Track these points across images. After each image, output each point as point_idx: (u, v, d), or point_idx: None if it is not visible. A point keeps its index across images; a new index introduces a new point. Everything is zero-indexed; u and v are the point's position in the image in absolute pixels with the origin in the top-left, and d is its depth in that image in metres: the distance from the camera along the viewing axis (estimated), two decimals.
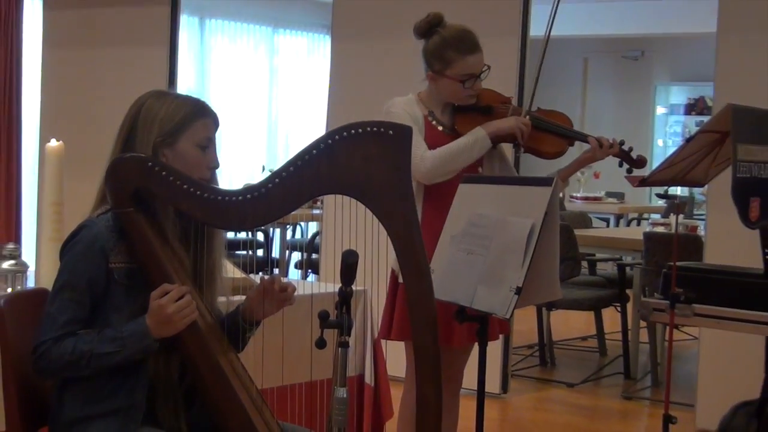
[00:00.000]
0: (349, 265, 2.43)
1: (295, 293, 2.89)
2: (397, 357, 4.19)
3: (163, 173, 2.66)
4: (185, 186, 2.66)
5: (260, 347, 2.97)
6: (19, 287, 3.97)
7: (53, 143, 4.15)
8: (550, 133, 3.97)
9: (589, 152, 3.91)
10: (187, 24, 10.68)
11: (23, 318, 2.79)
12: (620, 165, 3.96)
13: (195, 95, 2.95)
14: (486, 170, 3.96)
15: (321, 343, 2.38)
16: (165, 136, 2.77)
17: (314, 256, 9.01)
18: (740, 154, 3.34)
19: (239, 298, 2.96)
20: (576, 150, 4.00)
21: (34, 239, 4.43)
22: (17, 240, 10.17)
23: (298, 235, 10.14)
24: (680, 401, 6.03)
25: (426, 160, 3.72)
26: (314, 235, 9.33)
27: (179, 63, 7.83)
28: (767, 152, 3.45)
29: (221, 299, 2.96)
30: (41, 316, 2.70)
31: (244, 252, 9.25)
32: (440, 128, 3.95)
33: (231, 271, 3.18)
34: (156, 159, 2.72)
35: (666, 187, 4.04)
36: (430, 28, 3.92)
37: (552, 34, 3.99)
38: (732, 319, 3.98)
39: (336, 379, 2.34)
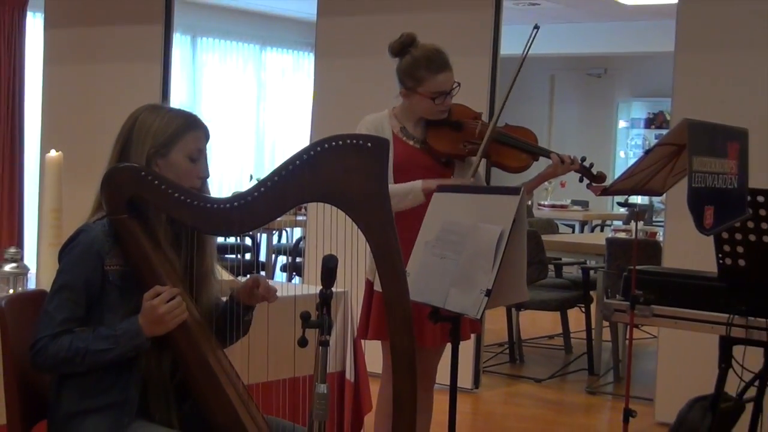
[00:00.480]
0: (329, 269, 2.43)
1: (279, 293, 2.90)
2: (376, 354, 4.18)
3: (156, 182, 2.67)
4: (176, 194, 2.66)
5: (246, 345, 2.96)
6: (20, 288, 3.96)
7: (53, 153, 4.14)
8: (516, 148, 3.96)
9: (551, 168, 3.92)
10: (179, 42, 10.68)
11: (23, 318, 2.78)
12: (581, 180, 3.97)
13: (187, 109, 2.95)
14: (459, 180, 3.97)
15: (303, 342, 2.39)
16: (158, 148, 2.77)
17: (298, 259, 9.02)
18: (695, 166, 3.35)
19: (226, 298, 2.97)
20: (542, 163, 4.01)
21: (35, 243, 4.41)
22: (19, 244, 10.14)
23: (283, 240, 10.12)
24: (640, 396, 6.05)
25: None
26: (298, 241, 9.35)
27: (172, 78, 7.81)
28: (720, 164, 3.46)
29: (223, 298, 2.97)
30: (40, 314, 2.70)
31: (233, 256, 9.26)
32: (411, 143, 3.94)
33: (219, 273, 3.18)
34: (149, 169, 2.72)
35: (627, 196, 4.05)
36: (402, 48, 3.92)
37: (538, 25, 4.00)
38: (688, 319, 4.00)
39: (317, 376, 2.34)
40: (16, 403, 2.73)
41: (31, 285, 4.11)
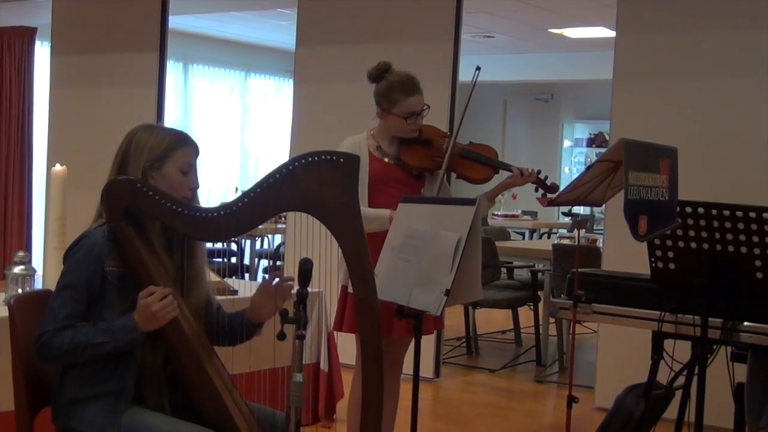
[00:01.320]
0: (304, 270, 2.43)
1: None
2: (349, 347, 4.18)
3: (151, 193, 2.67)
4: (169, 204, 2.66)
5: None
6: (27, 288, 3.93)
7: (58, 168, 4.12)
8: (479, 163, 3.99)
9: (512, 179, 3.94)
10: (172, 68, 10.65)
11: (30, 314, 2.77)
12: (536, 190, 4.00)
13: (179, 128, 2.95)
14: (427, 192, 3.98)
15: (281, 336, 2.38)
16: (153, 162, 2.77)
17: (279, 263, 8.98)
18: (631, 180, 3.37)
19: (221, 298, 2.97)
20: (500, 176, 4.03)
21: (41, 248, 4.39)
22: (28, 248, 10.09)
23: (265, 246, 10.09)
24: (582, 384, 6.06)
25: None
26: (279, 246, 9.31)
27: (166, 101, 7.80)
28: (653, 178, 3.48)
29: (220, 299, 2.96)
30: (45, 311, 2.69)
31: (220, 259, 9.23)
32: (386, 159, 3.95)
33: (208, 275, 3.17)
34: (145, 181, 2.72)
35: (570, 207, 4.06)
36: (379, 74, 3.94)
37: (477, 79, 4.01)
38: (624, 316, 4.02)
39: (294, 366, 2.34)
40: (23, 391, 2.71)
41: (38, 285, 4.09)
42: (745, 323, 3.71)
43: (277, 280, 2.85)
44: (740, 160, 5.33)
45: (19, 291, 3.87)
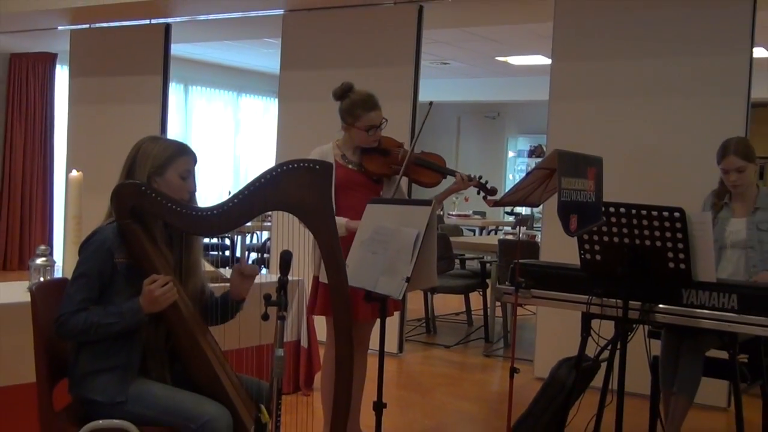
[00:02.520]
0: (285, 261, 2.43)
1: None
2: (325, 327, 4.17)
3: (154, 195, 2.66)
4: (170, 205, 2.65)
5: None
6: (48, 277, 3.90)
7: (75, 173, 4.10)
8: (429, 169, 3.99)
9: (456, 184, 3.96)
10: (174, 89, 10.61)
11: (50, 299, 2.75)
12: (478, 193, 4.01)
13: (179, 140, 2.94)
14: (385, 194, 3.98)
15: (265, 317, 2.37)
16: (156, 168, 2.77)
17: (266, 255, 8.95)
18: (563, 184, 3.38)
19: (216, 285, 2.96)
20: (450, 180, 4.04)
21: (61, 242, 4.36)
22: (49, 243, 10.03)
23: (254, 240, 10.05)
24: (523, 357, 6.10)
25: None
26: (265, 241, 9.28)
27: (169, 117, 7.77)
28: (582, 183, 3.50)
29: (214, 286, 2.96)
30: (62, 296, 2.68)
31: (215, 252, 9.20)
32: (350, 166, 3.94)
33: (205, 266, 3.16)
34: (149, 185, 2.71)
35: (513, 207, 4.08)
36: (343, 93, 3.94)
37: (434, 99, 4.02)
38: (558, 300, 4.03)
39: (276, 343, 2.33)
40: (43, 365, 2.69)
41: (58, 274, 4.05)
42: (660, 305, 3.74)
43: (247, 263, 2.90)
44: (655, 167, 5.38)
45: (41, 279, 3.84)
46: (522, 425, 4.06)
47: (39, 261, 3.97)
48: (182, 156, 2.81)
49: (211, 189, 11.20)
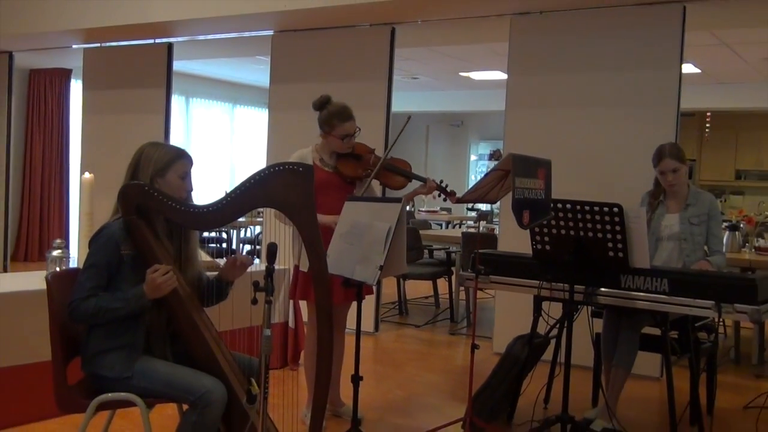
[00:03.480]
0: (271, 251, 2.41)
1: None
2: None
3: (156, 194, 2.64)
4: (170, 202, 2.64)
5: (218, 304, 2.93)
6: (63, 267, 3.88)
7: (87, 175, 4.07)
8: (397, 173, 3.99)
9: (421, 187, 3.96)
10: (176, 100, 10.57)
11: (64, 287, 2.72)
12: (439, 195, 4.00)
13: (179, 145, 2.92)
14: (357, 194, 3.97)
15: (254, 301, 2.36)
16: (157, 171, 2.75)
17: (257, 247, 8.93)
18: (517, 184, 3.39)
19: (211, 273, 2.94)
20: (415, 183, 4.04)
21: (76, 236, 4.32)
22: (66, 237, 9.96)
23: (248, 234, 10.02)
24: (483, 335, 6.13)
25: None
26: (257, 234, 9.26)
27: (171, 125, 7.70)
28: (533, 182, 3.50)
29: (211, 273, 2.94)
30: (74, 283, 2.65)
31: (213, 245, 9.14)
32: (327, 169, 3.92)
33: (201, 256, 3.14)
34: (151, 185, 2.69)
35: (474, 204, 4.08)
36: (321, 104, 3.92)
37: (405, 110, 4.01)
38: (513, 284, 4.05)
39: (264, 324, 2.32)
40: (57, 345, 2.67)
41: (74, 264, 4.02)
42: (601, 289, 3.77)
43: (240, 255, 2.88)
44: (596, 169, 5.40)
45: (57, 269, 3.81)
46: (482, 394, 4.08)
47: (55, 253, 3.95)
48: (180, 159, 2.79)
49: (209, 189, 11.15)
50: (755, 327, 5.74)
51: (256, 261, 5.04)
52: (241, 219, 2.76)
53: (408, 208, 5.17)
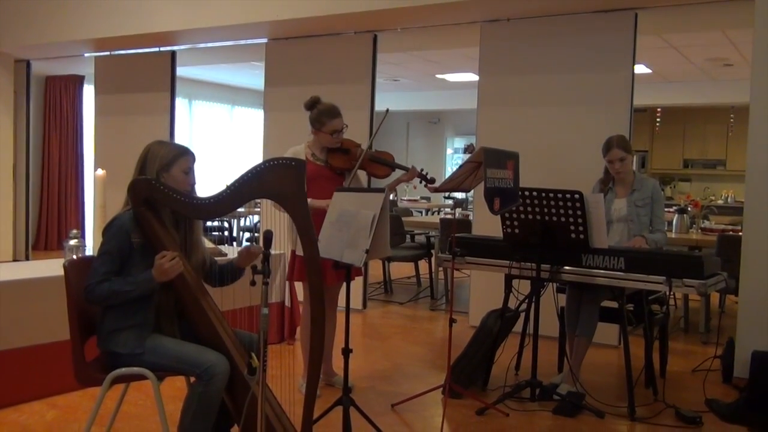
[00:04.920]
0: (267, 238, 2.40)
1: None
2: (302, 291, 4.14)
3: (162, 188, 2.61)
4: (175, 195, 2.61)
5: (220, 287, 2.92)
6: (79, 255, 3.84)
7: (99, 172, 4.04)
8: (381, 164, 3.98)
9: (405, 175, 3.94)
10: (180, 103, 10.49)
11: (80, 272, 2.70)
12: (420, 182, 3.99)
13: (182, 143, 2.89)
14: (345, 184, 3.95)
15: (252, 283, 2.34)
16: (163, 166, 2.72)
17: (256, 234, 8.89)
18: (488, 174, 3.40)
19: (220, 259, 2.93)
20: (398, 172, 4.03)
21: (91, 226, 4.30)
22: (81, 227, 9.90)
23: (247, 223, 9.98)
24: (460, 310, 6.14)
25: None
26: (256, 223, 9.22)
27: (176, 126, 7.64)
28: (503, 173, 3.51)
29: (219, 259, 2.92)
30: (89, 269, 2.63)
31: (217, 233, 9.10)
32: (318, 163, 3.91)
33: (206, 243, 3.12)
34: (158, 180, 2.66)
35: (450, 193, 4.07)
36: (312, 104, 3.91)
37: (389, 110, 3.99)
38: (486, 264, 4.07)
39: (262, 303, 2.31)
40: (75, 325, 2.65)
41: (88, 252, 3.99)
42: (565, 267, 3.78)
43: (252, 246, 2.85)
44: (558, 160, 5.41)
45: (74, 257, 3.77)
46: (459, 363, 4.09)
47: (72, 242, 3.91)
48: (184, 156, 2.76)
49: (211, 182, 11.09)
50: (702, 299, 5.78)
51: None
52: (240, 209, 2.75)
53: (392, 197, 5.15)
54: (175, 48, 7.44)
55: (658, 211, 4.20)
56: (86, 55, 8.06)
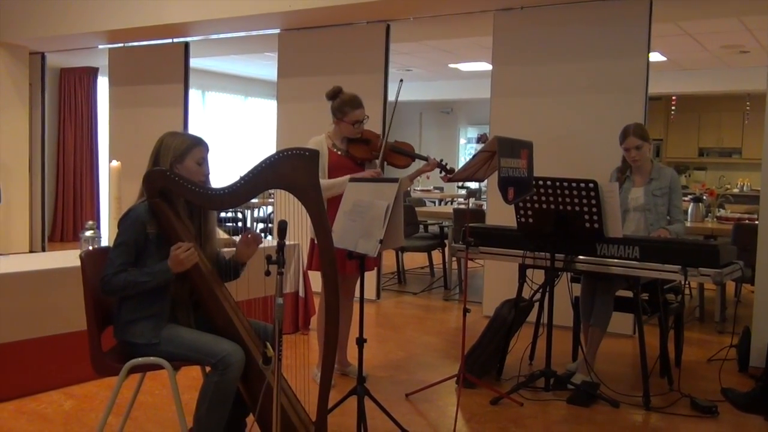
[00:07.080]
0: (281, 228, 2.40)
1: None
2: (319, 281, 4.15)
3: (176, 179, 2.61)
4: (189, 186, 2.61)
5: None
6: (95, 246, 3.87)
7: (114, 163, 4.05)
8: (402, 154, 3.97)
9: (426, 165, 3.93)
10: (193, 94, 10.50)
11: (96, 263, 2.71)
12: (440, 172, 3.98)
13: (196, 134, 2.89)
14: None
15: (267, 273, 2.35)
16: (177, 157, 2.72)
17: (269, 225, 8.92)
18: (502, 164, 3.39)
19: (228, 249, 2.92)
20: (417, 163, 4.02)
21: (106, 218, 4.31)
22: (97, 218, 9.95)
23: (261, 213, 10.01)
24: (474, 300, 6.15)
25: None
26: (269, 214, 9.24)
27: (189, 117, 7.67)
28: (517, 162, 3.50)
29: (225, 250, 2.92)
30: (106, 260, 2.64)
31: (231, 223, 9.13)
32: (339, 153, 3.91)
33: (220, 234, 3.12)
34: (172, 171, 2.66)
35: (463, 182, 4.07)
36: (335, 94, 3.91)
37: (401, 99, 3.98)
38: (500, 254, 4.06)
39: (276, 293, 2.31)
40: (92, 316, 2.66)
41: (104, 243, 4.01)
42: (579, 257, 3.77)
43: (249, 235, 2.84)
44: (573, 149, 5.39)
45: (90, 248, 3.80)
46: (473, 353, 4.09)
47: (88, 233, 3.94)
48: (197, 146, 2.76)
49: (225, 173, 11.15)
50: (717, 288, 5.75)
51: (268, 238, 5.03)
52: (254, 200, 2.75)
53: (409, 187, 5.14)
54: (188, 39, 7.46)
55: (676, 200, 4.16)
56: (100, 47, 8.09)
